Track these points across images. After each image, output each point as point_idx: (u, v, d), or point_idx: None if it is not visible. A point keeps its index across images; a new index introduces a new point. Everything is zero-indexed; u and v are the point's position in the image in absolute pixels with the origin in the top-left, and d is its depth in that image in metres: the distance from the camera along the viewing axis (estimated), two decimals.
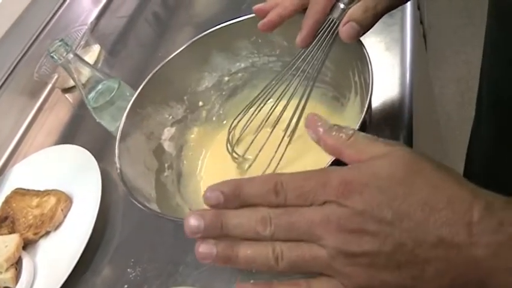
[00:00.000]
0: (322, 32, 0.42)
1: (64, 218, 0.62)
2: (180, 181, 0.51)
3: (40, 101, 0.89)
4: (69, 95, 0.87)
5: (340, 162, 0.31)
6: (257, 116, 0.49)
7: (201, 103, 0.56)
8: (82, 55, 0.87)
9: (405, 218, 0.26)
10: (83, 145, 0.68)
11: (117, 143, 0.46)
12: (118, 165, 0.44)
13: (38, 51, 0.89)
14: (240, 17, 0.51)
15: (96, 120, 0.63)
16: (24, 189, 0.67)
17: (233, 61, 0.54)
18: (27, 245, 0.61)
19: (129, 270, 0.53)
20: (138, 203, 0.41)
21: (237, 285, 0.29)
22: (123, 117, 0.49)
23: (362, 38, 0.41)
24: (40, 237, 0.62)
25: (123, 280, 0.52)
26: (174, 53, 0.52)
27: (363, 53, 0.41)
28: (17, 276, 0.57)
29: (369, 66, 0.40)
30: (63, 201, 0.62)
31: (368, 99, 0.39)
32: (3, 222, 0.64)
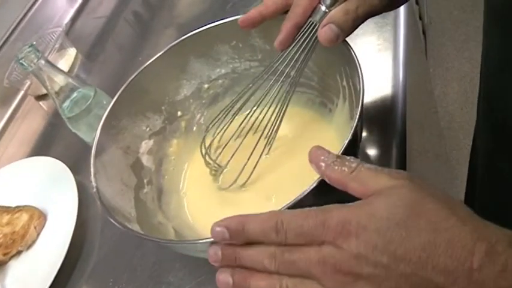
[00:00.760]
0: (302, 34, 0.42)
1: (37, 236, 0.62)
2: (161, 198, 0.51)
3: (11, 109, 0.88)
4: (43, 103, 0.87)
5: None
6: (233, 122, 0.49)
7: (179, 113, 0.55)
8: (57, 59, 0.87)
9: (402, 262, 0.27)
10: (58, 157, 0.67)
11: (92, 159, 0.46)
12: (94, 184, 0.44)
13: (7, 56, 0.89)
14: (224, 18, 0.50)
15: (72, 131, 0.63)
16: None
17: (213, 67, 0.54)
18: None
19: None
20: (119, 224, 0.40)
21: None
22: (97, 131, 0.48)
23: (354, 38, 0.42)
24: (10, 258, 0.61)
25: None
26: (149, 61, 0.52)
27: (351, 56, 0.41)
28: None
29: (359, 71, 0.40)
30: (37, 218, 0.62)
31: (360, 107, 0.38)
32: None
